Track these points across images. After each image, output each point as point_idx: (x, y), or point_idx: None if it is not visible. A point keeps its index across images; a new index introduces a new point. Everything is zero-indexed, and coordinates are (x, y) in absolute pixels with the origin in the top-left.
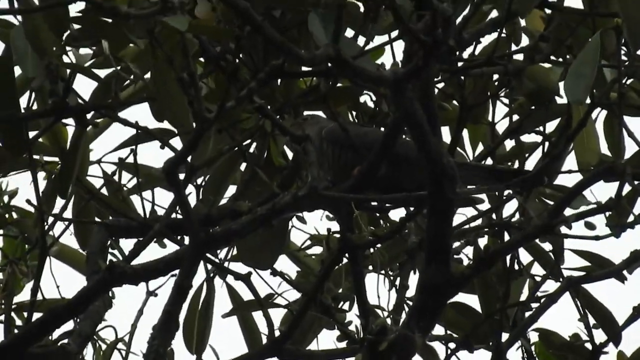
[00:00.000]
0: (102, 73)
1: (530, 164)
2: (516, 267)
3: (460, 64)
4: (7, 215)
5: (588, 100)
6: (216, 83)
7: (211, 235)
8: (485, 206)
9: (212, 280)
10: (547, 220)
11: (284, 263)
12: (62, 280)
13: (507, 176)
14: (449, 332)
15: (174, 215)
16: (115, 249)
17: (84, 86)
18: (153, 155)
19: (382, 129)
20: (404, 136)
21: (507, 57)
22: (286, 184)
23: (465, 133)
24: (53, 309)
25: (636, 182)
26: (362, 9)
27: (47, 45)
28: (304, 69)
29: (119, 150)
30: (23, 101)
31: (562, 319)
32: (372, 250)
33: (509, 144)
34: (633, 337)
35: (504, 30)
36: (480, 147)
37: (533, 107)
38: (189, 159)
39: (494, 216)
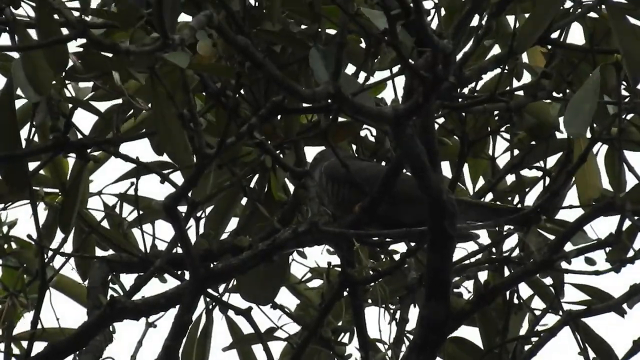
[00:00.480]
0: (101, 106)
1: (531, 199)
2: (516, 301)
3: (461, 100)
4: (6, 246)
5: (589, 135)
6: (216, 118)
7: (211, 271)
8: (485, 241)
9: (211, 312)
10: (547, 255)
11: (283, 295)
12: (61, 311)
13: (507, 214)
14: None
15: (174, 250)
16: (117, 284)
17: (83, 119)
18: (153, 187)
19: (383, 162)
20: (404, 171)
21: (509, 94)
22: (286, 218)
23: (465, 167)
24: (55, 343)
25: (636, 218)
26: (363, 45)
27: (46, 81)
28: (305, 104)
29: (119, 182)
30: (23, 133)
31: (562, 353)
32: (372, 284)
33: (510, 178)
34: None
35: (505, 67)
36: (480, 182)
37: (533, 142)
38: (189, 194)
39: (493, 251)
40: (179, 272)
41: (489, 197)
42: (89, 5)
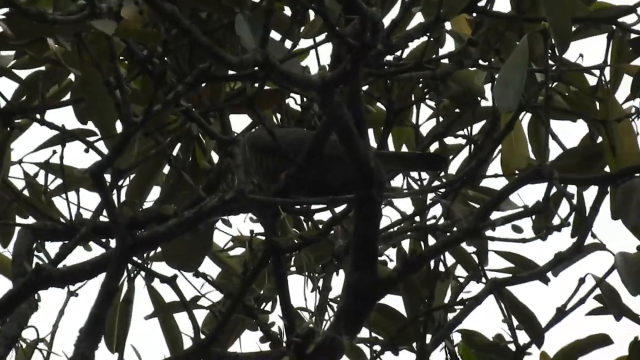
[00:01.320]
0: (23, 74)
1: (454, 167)
2: (441, 269)
3: (387, 67)
4: None
5: None
6: (142, 86)
7: (138, 239)
8: (409, 210)
9: (133, 280)
10: (474, 223)
11: (206, 264)
12: None
13: (417, 163)
14: (373, 334)
15: (99, 218)
16: (42, 252)
17: (3, 88)
18: (74, 155)
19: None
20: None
21: (436, 62)
22: (212, 187)
23: (389, 136)
24: None
25: (562, 185)
26: (289, 13)
27: None
28: (231, 72)
29: (40, 150)
30: None
31: (486, 320)
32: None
33: (433, 146)
34: (556, 338)
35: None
36: (404, 150)
37: (458, 110)
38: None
39: (417, 220)
40: (104, 240)
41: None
42: None
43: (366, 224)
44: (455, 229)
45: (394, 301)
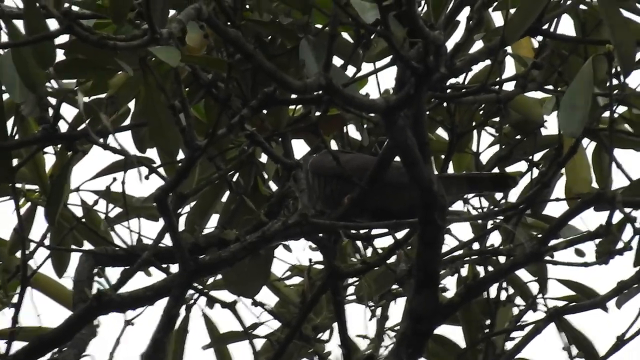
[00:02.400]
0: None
1: (514, 195)
2: (502, 297)
3: (451, 90)
4: None
5: None
6: (206, 110)
7: (201, 263)
8: (468, 237)
9: (189, 308)
10: (537, 247)
11: (262, 293)
12: (39, 310)
13: (485, 183)
14: None
15: (159, 244)
16: (102, 277)
17: (66, 113)
18: (130, 185)
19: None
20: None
21: (499, 85)
22: (273, 212)
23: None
24: (41, 336)
25: (627, 210)
26: (348, 38)
27: (36, 78)
28: (295, 96)
29: (97, 178)
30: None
31: (546, 348)
32: (355, 281)
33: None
34: None
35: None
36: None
37: (518, 137)
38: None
39: (476, 245)
40: (165, 266)
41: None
42: None
43: (428, 248)
44: (517, 253)
45: (453, 332)
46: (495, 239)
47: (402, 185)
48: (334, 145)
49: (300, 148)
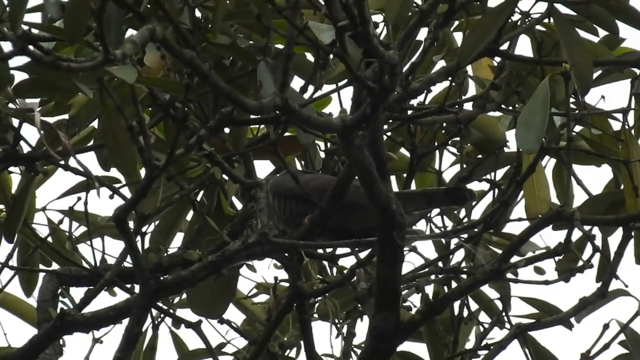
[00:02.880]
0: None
1: (477, 213)
2: (464, 314)
3: (410, 111)
4: None
5: None
6: (165, 130)
7: (162, 283)
8: (433, 256)
9: (157, 326)
10: (497, 265)
11: (229, 311)
12: (6, 329)
13: (440, 197)
14: None
15: (123, 264)
16: (66, 297)
17: (26, 134)
18: (97, 203)
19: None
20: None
21: (458, 106)
22: (236, 232)
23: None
24: (4, 356)
25: (586, 228)
26: (310, 58)
27: None
28: (253, 117)
29: (64, 197)
30: None
31: None
32: (321, 298)
33: None
34: None
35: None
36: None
37: (480, 156)
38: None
39: (440, 264)
40: (129, 286)
41: (436, 210)
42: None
43: (388, 267)
44: (478, 271)
45: (418, 349)
46: (460, 257)
47: (362, 206)
48: (298, 166)
49: (264, 168)
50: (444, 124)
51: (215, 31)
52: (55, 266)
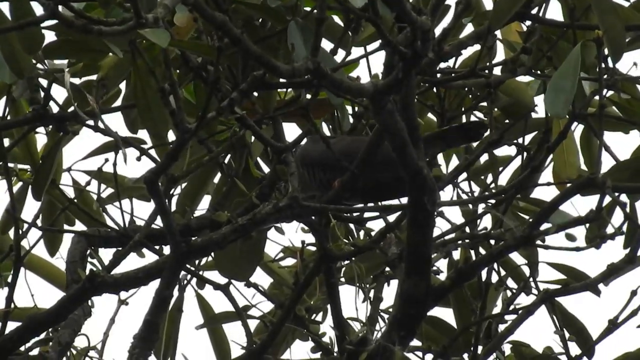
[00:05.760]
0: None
1: (504, 178)
2: (493, 280)
3: (441, 75)
4: None
5: None
6: (196, 93)
7: (192, 246)
8: (459, 220)
9: (183, 289)
10: (527, 231)
11: (256, 274)
12: (33, 290)
13: (457, 134)
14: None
15: (152, 225)
16: (95, 258)
17: (56, 94)
18: (123, 165)
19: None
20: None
21: (488, 70)
22: (264, 195)
23: None
24: (33, 316)
25: (616, 194)
26: (340, 22)
27: (23, 62)
28: (283, 80)
29: (90, 158)
30: None
31: (538, 332)
32: (348, 262)
33: (482, 158)
34: (607, 351)
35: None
36: (454, 160)
37: (508, 121)
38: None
39: (468, 230)
40: (158, 247)
41: (463, 175)
42: None
43: (419, 232)
44: (508, 237)
45: (445, 314)
46: (488, 222)
47: (393, 161)
48: (326, 130)
49: (292, 131)
50: (472, 89)
51: None
52: (81, 227)
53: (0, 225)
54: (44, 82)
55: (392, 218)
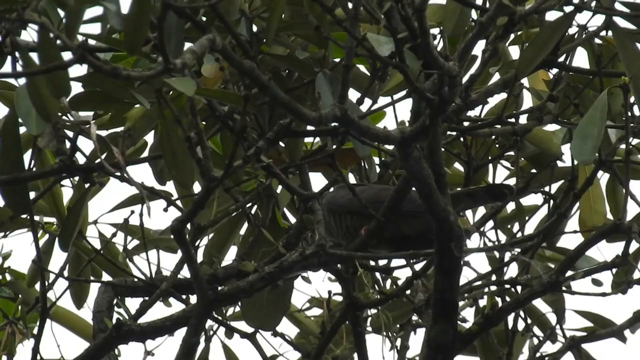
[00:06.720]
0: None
1: (530, 227)
2: (518, 327)
3: (467, 123)
4: (0, 277)
5: None
6: (222, 142)
7: (219, 294)
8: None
9: (209, 339)
10: (554, 277)
11: (283, 324)
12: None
13: (481, 195)
14: None
15: (179, 275)
16: (122, 308)
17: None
18: (147, 218)
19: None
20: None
21: (515, 118)
22: (291, 244)
23: None
24: None
25: None
26: (365, 71)
27: (50, 108)
28: (311, 128)
29: (115, 211)
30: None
31: None
32: (375, 311)
33: (509, 206)
34: None
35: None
36: (481, 209)
37: (534, 170)
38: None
39: (493, 278)
40: (184, 297)
41: (490, 224)
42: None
43: (446, 278)
44: (535, 283)
45: None
46: (513, 271)
47: (419, 213)
48: (352, 179)
49: (318, 181)
50: (499, 137)
51: (269, 41)
52: (107, 278)
53: (27, 277)
54: (69, 133)
55: (418, 266)
